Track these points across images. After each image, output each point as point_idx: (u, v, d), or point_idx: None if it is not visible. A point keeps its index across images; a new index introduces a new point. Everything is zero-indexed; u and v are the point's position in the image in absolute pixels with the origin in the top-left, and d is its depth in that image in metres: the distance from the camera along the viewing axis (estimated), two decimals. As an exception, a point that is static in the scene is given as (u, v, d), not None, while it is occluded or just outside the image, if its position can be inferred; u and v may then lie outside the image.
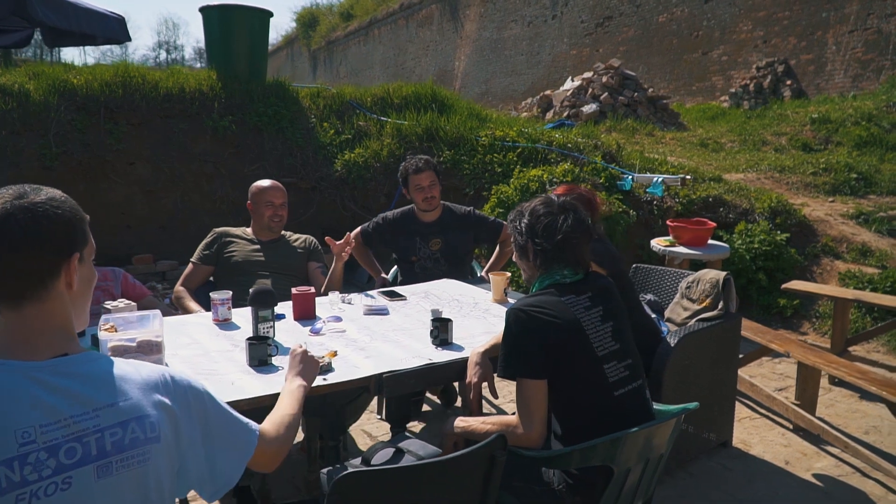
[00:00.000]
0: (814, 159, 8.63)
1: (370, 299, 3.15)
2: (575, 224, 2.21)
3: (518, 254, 2.28)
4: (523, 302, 2.11)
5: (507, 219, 2.32)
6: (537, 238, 2.17)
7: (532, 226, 2.19)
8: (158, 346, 2.10)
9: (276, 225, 3.65)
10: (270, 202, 3.63)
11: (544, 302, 2.09)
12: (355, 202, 7.46)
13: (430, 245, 3.96)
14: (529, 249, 2.20)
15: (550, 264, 2.18)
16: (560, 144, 6.88)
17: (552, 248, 2.16)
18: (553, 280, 2.18)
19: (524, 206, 2.29)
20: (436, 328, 2.52)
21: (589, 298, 2.15)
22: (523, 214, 2.24)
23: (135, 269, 6.69)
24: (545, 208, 2.21)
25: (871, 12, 12.87)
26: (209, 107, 7.30)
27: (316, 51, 34.02)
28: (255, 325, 2.53)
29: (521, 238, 2.22)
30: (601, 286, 2.24)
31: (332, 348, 2.47)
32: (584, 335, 2.08)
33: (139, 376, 1.33)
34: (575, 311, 2.09)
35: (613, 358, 2.11)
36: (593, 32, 18.86)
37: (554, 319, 2.05)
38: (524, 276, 2.32)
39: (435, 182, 3.89)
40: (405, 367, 2.29)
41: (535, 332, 2.04)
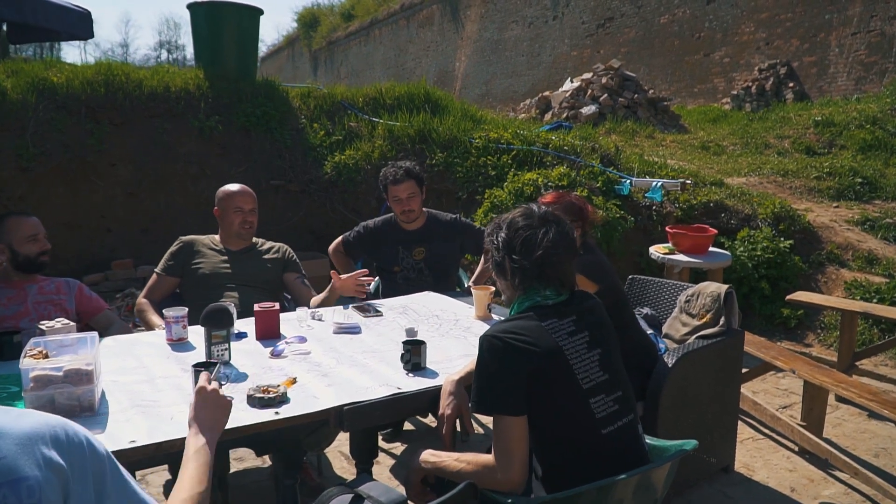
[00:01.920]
0: (817, 163, 8.40)
1: (343, 315, 2.92)
2: (557, 238, 1.98)
3: (495, 272, 2.05)
4: (498, 328, 1.87)
5: (485, 232, 2.09)
6: (515, 255, 1.94)
7: (509, 241, 1.96)
8: (89, 375, 1.87)
9: (246, 232, 3.39)
10: (240, 208, 3.35)
11: (522, 327, 1.86)
12: (345, 205, 7.23)
13: (414, 254, 3.73)
14: (507, 267, 1.97)
15: (530, 284, 1.95)
16: (556, 147, 6.64)
17: (531, 266, 1.93)
18: (533, 301, 1.95)
19: (502, 217, 2.05)
20: (407, 352, 2.29)
21: (573, 322, 1.92)
22: (500, 227, 2.01)
23: (114, 275, 6.47)
24: (524, 220, 1.98)
25: (875, 14, 12.67)
26: (195, 106, 7.07)
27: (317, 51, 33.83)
28: (208, 348, 2.29)
29: (498, 254, 1.99)
30: (587, 307, 2.01)
31: (292, 374, 2.24)
32: (566, 365, 1.84)
33: (19, 428, 1.09)
34: (557, 338, 1.86)
35: (601, 391, 1.87)
36: (594, 33, 18.66)
37: (532, 347, 1.82)
38: (503, 296, 2.10)
39: (415, 193, 3.65)
40: (370, 397, 2.06)
41: (512, 363, 1.81)
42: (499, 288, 2.09)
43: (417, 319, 2.90)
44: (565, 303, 1.96)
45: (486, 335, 1.85)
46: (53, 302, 2.92)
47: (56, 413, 1.83)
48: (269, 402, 1.98)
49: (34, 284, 2.94)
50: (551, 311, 1.92)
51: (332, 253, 3.91)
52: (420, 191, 3.67)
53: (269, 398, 1.98)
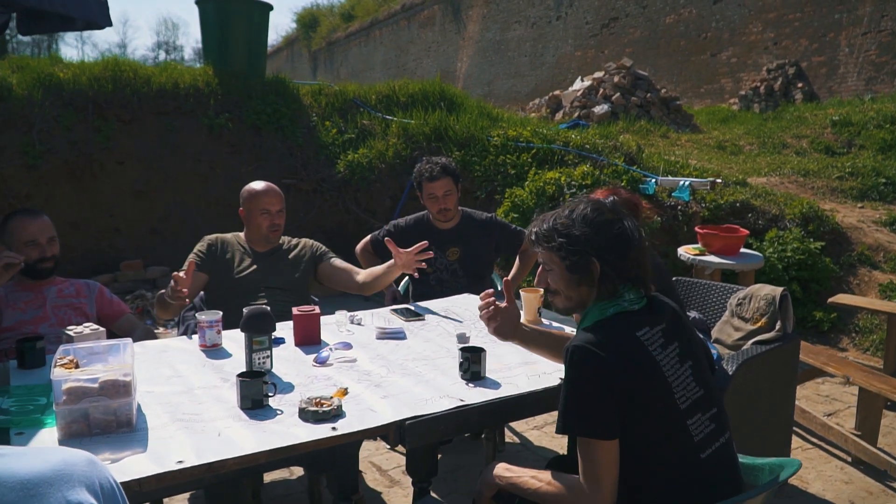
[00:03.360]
0: (839, 163, 8.23)
1: (383, 319, 2.74)
2: (640, 233, 1.79)
3: (567, 276, 1.77)
4: (588, 338, 1.65)
5: (537, 232, 1.81)
6: (607, 252, 1.72)
7: (596, 236, 1.72)
8: (127, 387, 1.68)
9: (274, 235, 3.17)
10: (266, 210, 3.12)
11: (615, 339, 1.65)
12: (358, 205, 7.05)
13: (448, 255, 3.55)
14: (595, 268, 1.73)
15: (617, 286, 1.74)
16: (577, 145, 6.46)
17: (625, 265, 1.72)
18: (619, 308, 1.73)
19: (560, 214, 1.79)
20: (466, 360, 2.10)
21: (663, 332, 1.71)
22: (571, 223, 1.74)
23: (123, 276, 6.28)
24: (600, 213, 1.75)
25: (886, 14, 12.53)
26: (205, 104, 6.90)
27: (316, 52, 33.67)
28: (249, 356, 2.11)
29: (578, 255, 1.73)
30: (672, 314, 1.80)
31: (342, 384, 2.05)
32: (665, 383, 1.65)
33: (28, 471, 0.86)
34: (653, 351, 1.66)
35: (697, 409, 1.68)
36: (599, 34, 18.52)
37: (629, 363, 1.62)
38: (564, 302, 1.83)
39: (451, 191, 3.47)
40: (432, 410, 1.87)
41: (606, 381, 1.60)
42: (564, 292, 1.82)
43: (463, 325, 2.72)
44: (650, 309, 1.76)
45: (575, 346, 1.64)
46: (73, 306, 2.73)
47: (92, 429, 1.65)
48: (325, 417, 1.79)
49: (52, 287, 2.75)
50: (641, 318, 1.71)
51: (360, 252, 3.73)
52: (456, 188, 3.50)
53: (323, 412, 1.80)
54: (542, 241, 1.80)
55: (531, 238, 1.84)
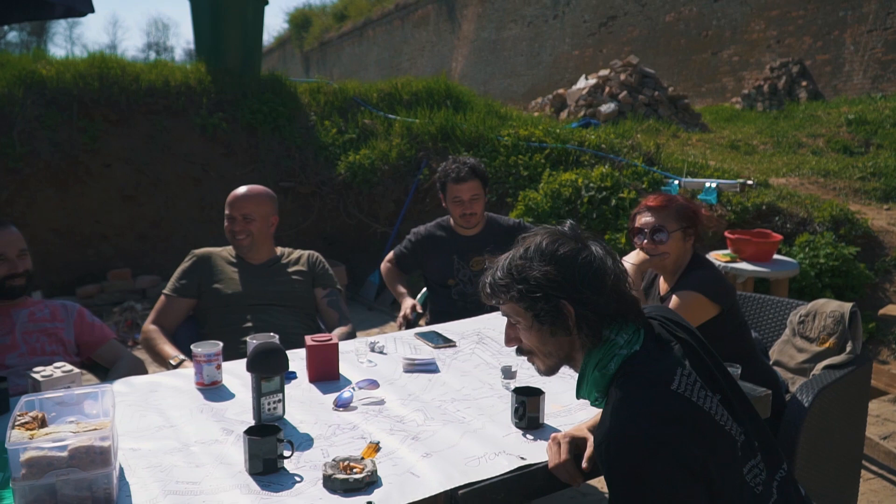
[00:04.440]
0: (859, 163, 7.91)
1: (408, 347, 2.36)
2: (613, 256, 1.44)
3: (538, 329, 1.42)
4: (618, 422, 1.28)
5: (491, 283, 1.47)
6: (577, 290, 1.37)
7: (560, 271, 1.38)
8: (104, 454, 1.30)
9: (240, 244, 2.77)
10: (230, 216, 2.77)
11: (657, 407, 1.29)
12: (360, 209, 6.68)
13: (471, 265, 3.19)
14: (568, 312, 1.38)
15: (601, 329, 1.39)
16: (593, 145, 6.11)
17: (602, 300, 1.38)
18: (620, 357, 1.38)
19: (512, 255, 1.45)
20: (521, 405, 1.73)
21: (694, 368, 1.39)
22: (529, 262, 1.40)
23: (110, 286, 5.89)
24: (560, 244, 1.41)
25: (891, 11, 12.28)
26: (197, 102, 6.51)
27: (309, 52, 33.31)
28: (257, 400, 1.73)
29: (543, 301, 1.38)
30: (683, 341, 1.47)
31: (371, 435, 1.68)
32: (725, 436, 1.32)
33: None
34: (697, 402, 1.31)
35: (747, 455, 1.35)
36: (596, 32, 18.24)
37: (693, 433, 1.27)
38: (544, 361, 1.48)
39: (479, 195, 3.14)
40: (488, 473, 1.50)
41: (681, 472, 1.23)
42: (539, 350, 1.46)
43: (500, 351, 2.35)
44: (657, 344, 1.40)
45: (611, 439, 1.27)
46: (48, 331, 2.35)
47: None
48: (356, 487, 1.42)
49: (23, 309, 2.36)
50: (660, 363, 1.36)
51: (385, 273, 3.41)
52: (484, 192, 3.15)
53: (355, 480, 1.42)
54: (498, 293, 1.45)
55: (486, 291, 1.49)
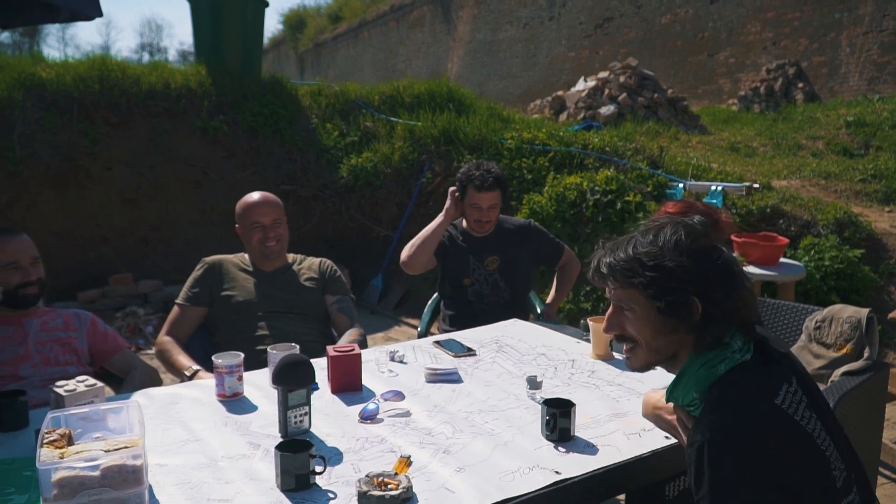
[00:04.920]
0: (860, 165, 7.92)
1: (428, 356, 2.34)
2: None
3: (658, 321, 1.36)
4: (720, 424, 1.25)
5: (611, 263, 1.40)
6: (711, 289, 1.32)
7: (696, 267, 1.32)
8: (137, 473, 1.27)
9: (271, 251, 2.75)
10: (258, 223, 2.72)
11: (758, 415, 1.25)
12: (363, 212, 6.64)
13: (486, 264, 3.18)
14: (696, 310, 1.32)
15: (724, 332, 1.35)
16: (597, 148, 6.09)
17: (732, 304, 1.33)
18: (731, 361, 1.34)
19: (636, 239, 1.39)
20: (552, 417, 1.71)
21: (800, 386, 1.33)
22: (661, 250, 1.34)
23: (112, 290, 5.84)
24: (697, 239, 1.35)
25: (887, 13, 12.32)
26: (198, 105, 6.47)
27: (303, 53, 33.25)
28: (284, 414, 1.70)
29: (675, 293, 1.32)
30: (790, 359, 1.43)
31: (400, 448, 1.65)
32: (822, 461, 1.27)
33: None
34: (800, 421, 1.27)
35: (847, 488, 1.30)
36: (592, 34, 18.25)
37: (787, 450, 1.23)
38: (647, 356, 1.43)
39: (497, 205, 3.15)
40: (524, 488, 1.48)
41: (766, 476, 1.20)
42: (649, 343, 1.40)
43: (521, 360, 2.32)
44: (764, 358, 1.36)
45: (712, 441, 1.23)
46: (61, 341, 2.31)
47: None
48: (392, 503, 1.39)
49: (35, 319, 2.32)
50: (766, 376, 1.32)
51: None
52: (502, 201, 3.15)
53: (391, 497, 1.39)
54: (619, 277, 1.39)
55: (600, 272, 1.43)
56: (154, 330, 5.36)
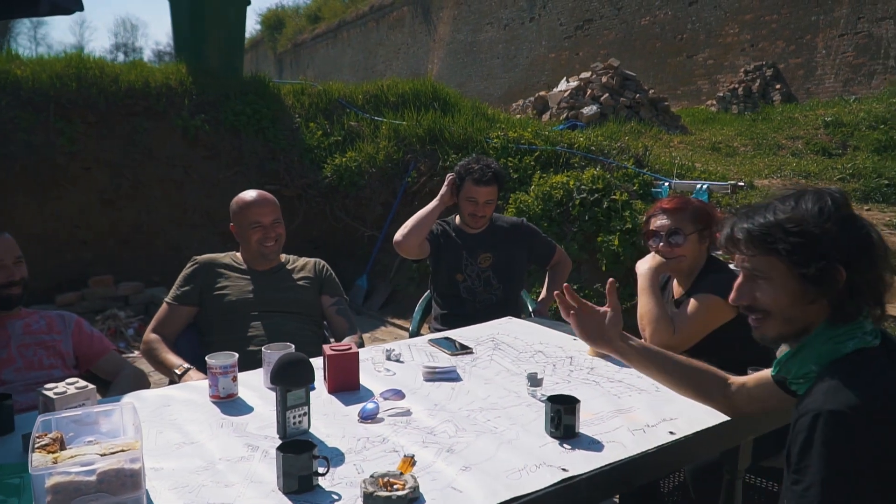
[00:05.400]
0: (838, 164, 8.03)
1: (425, 354, 2.30)
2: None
3: (799, 290, 1.33)
4: (847, 399, 1.21)
5: (749, 228, 1.37)
6: (856, 259, 1.30)
7: (843, 235, 1.29)
8: (135, 477, 1.22)
9: (270, 251, 2.71)
10: (258, 223, 2.68)
11: (882, 395, 1.22)
12: (347, 212, 6.59)
13: (480, 261, 3.16)
14: (840, 279, 1.30)
15: (863, 306, 1.33)
16: (582, 147, 6.09)
17: (875, 278, 1.32)
18: (862, 342, 1.32)
19: (774, 206, 1.36)
20: (556, 413, 1.68)
21: None
22: (804, 217, 1.31)
23: (91, 293, 5.72)
24: (841, 207, 1.32)
25: (862, 16, 12.49)
26: (178, 104, 6.37)
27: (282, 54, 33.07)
28: (282, 414, 1.65)
29: (820, 261, 1.29)
30: None
31: (402, 448, 1.61)
32: None
33: None
34: None
35: None
36: (573, 35, 18.32)
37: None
38: (780, 327, 1.39)
39: (493, 201, 3.15)
40: (533, 486, 1.45)
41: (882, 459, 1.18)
42: (784, 313, 1.37)
43: (519, 357, 2.29)
44: (891, 347, 1.33)
45: (835, 413, 1.20)
46: (45, 344, 2.24)
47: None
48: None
49: (18, 321, 2.25)
50: (892, 362, 1.29)
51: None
52: (497, 198, 3.13)
53: (398, 497, 1.35)
54: (758, 242, 1.35)
55: (734, 238, 1.40)
56: (136, 333, 5.26)
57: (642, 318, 2.37)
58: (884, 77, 11.91)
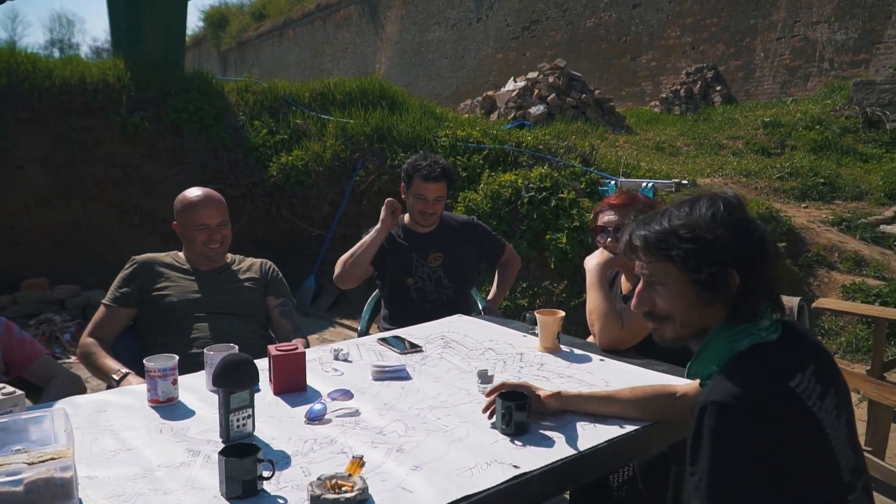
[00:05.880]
0: (777, 164, 8.26)
1: (374, 353, 2.26)
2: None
3: (693, 294, 1.34)
4: (729, 390, 1.22)
5: (645, 236, 1.38)
6: (749, 262, 1.31)
7: (736, 239, 1.30)
8: (67, 487, 1.16)
9: (215, 253, 2.62)
10: (204, 224, 2.57)
11: (769, 389, 1.23)
12: (294, 212, 6.48)
13: (430, 261, 3.12)
14: (733, 283, 1.31)
15: (759, 307, 1.34)
16: (530, 146, 6.12)
17: (768, 278, 1.33)
18: (756, 338, 1.33)
19: (670, 212, 1.37)
20: (507, 410, 1.66)
21: (815, 377, 1.29)
22: (698, 222, 1.32)
23: (25, 297, 5.49)
24: (734, 211, 1.34)
25: (798, 20, 12.90)
26: (116, 100, 6.17)
27: (226, 52, 32.47)
28: (225, 418, 1.59)
29: (713, 266, 1.30)
30: (815, 346, 1.40)
31: (351, 449, 1.57)
32: (831, 455, 1.25)
33: None
34: (812, 407, 1.24)
35: (855, 481, 1.29)
36: (520, 36, 18.48)
37: (792, 429, 1.21)
38: (677, 331, 1.40)
39: (443, 197, 3.10)
40: (484, 484, 1.42)
41: (765, 453, 1.18)
42: (682, 317, 1.38)
43: (469, 355, 2.27)
44: (790, 341, 1.34)
45: (719, 404, 1.21)
46: (-28, 349, 2.12)
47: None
48: (348, 507, 1.31)
49: (-57, 325, 2.13)
50: (787, 359, 1.30)
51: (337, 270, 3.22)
52: (447, 195, 3.10)
53: (346, 500, 1.31)
54: (653, 249, 1.37)
55: (632, 245, 1.41)
56: (72, 338, 5.07)
57: (591, 313, 2.38)
58: (819, 79, 12.31)
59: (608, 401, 1.76)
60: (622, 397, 1.76)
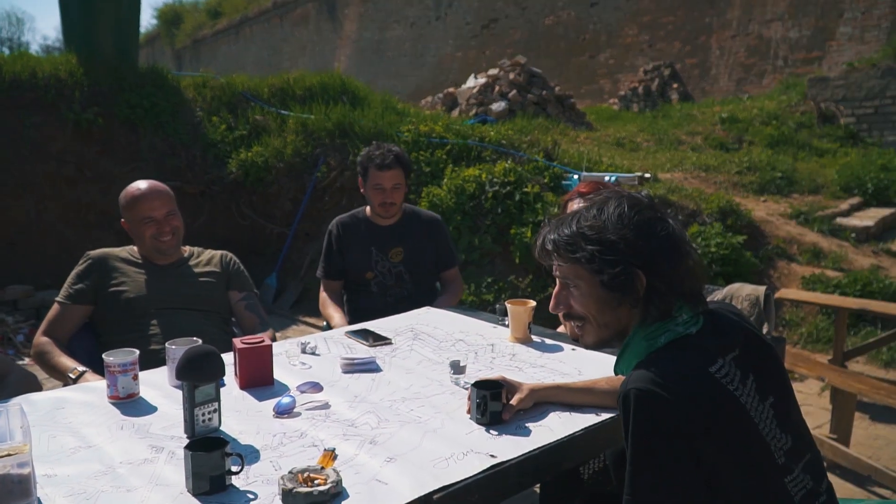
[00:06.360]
0: (735, 158, 8.40)
1: (342, 347, 2.21)
2: (682, 227, 1.38)
3: (603, 296, 1.34)
4: (647, 377, 1.22)
5: (555, 239, 1.37)
6: (655, 262, 1.30)
7: (640, 239, 1.29)
8: (24, 483, 1.09)
9: (166, 245, 2.53)
10: (150, 217, 2.48)
11: (687, 375, 1.23)
12: (254, 209, 6.37)
13: (390, 256, 3.07)
14: (640, 283, 1.30)
15: (671, 304, 1.33)
16: (493, 141, 6.11)
17: (678, 276, 1.31)
18: (673, 334, 1.32)
19: (581, 214, 1.36)
20: (482, 399, 1.63)
21: (736, 363, 1.29)
22: (604, 224, 1.31)
23: (-27, 299, 5.28)
24: (641, 210, 1.33)
25: (752, 18, 13.16)
26: (69, 96, 5.99)
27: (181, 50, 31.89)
28: (190, 412, 1.53)
29: (617, 267, 1.30)
30: (744, 334, 1.39)
31: (323, 442, 1.53)
32: (757, 436, 1.26)
33: None
34: (734, 391, 1.25)
35: (792, 462, 1.30)
36: (479, 34, 18.51)
37: (711, 411, 1.21)
38: (596, 332, 1.39)
39: (401, 185, 3.04)
40: (462, 474, 1.39)
41: (687, 436, 1.19)
42: (596, 318, 1.38)
43: (439, 346, 2.24)
44: (713, 331, 1.34)
45: (637, 391, 1.21)
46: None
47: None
48: (322, 500, 1.27)
49: None
50: (707, 347, 1.30)
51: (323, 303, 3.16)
52: (406, 182, 3.05)
53: (319, 493, 1.27)
54: (562, 252, 1.36)
55: (545, 248, 1.39)
56: (25, 339, 4.89)
57: None
58: (773, 76, 12.57)
59: (587, 392, 1.76)
60: (600, 388, 1.76)
